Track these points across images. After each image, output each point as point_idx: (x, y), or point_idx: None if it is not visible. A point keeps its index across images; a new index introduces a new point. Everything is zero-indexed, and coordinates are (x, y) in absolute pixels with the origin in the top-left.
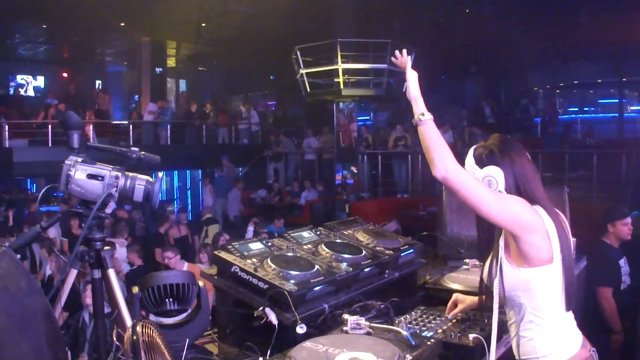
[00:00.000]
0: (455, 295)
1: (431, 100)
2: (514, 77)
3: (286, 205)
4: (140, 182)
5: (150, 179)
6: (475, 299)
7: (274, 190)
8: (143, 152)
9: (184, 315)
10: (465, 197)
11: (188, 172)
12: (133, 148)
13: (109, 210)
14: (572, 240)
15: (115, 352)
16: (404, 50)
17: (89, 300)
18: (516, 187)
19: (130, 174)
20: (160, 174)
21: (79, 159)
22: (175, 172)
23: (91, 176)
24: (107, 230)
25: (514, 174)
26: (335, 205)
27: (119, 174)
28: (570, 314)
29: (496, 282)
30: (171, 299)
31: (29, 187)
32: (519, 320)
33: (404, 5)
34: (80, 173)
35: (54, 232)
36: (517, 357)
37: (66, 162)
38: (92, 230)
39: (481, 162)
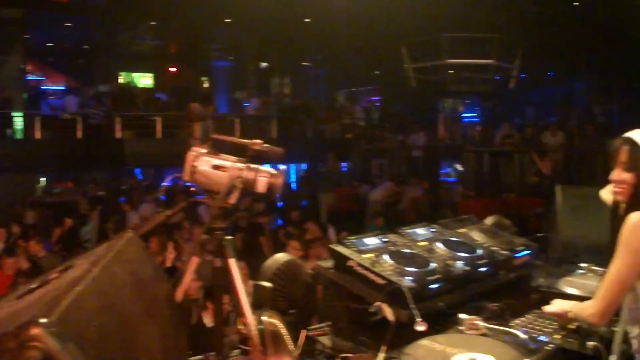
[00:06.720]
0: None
1: (537, 97)
2: (631, 75)
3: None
4: (263, 174)
5: (273, 171)
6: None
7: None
8: (266, 145)
9: None
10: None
11: (293, 166)
12: (255, 140)
13: (232, 200)
14: None
15: (239, 342)
16: None
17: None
18: None
19: (253, 165)
20: (283, 167)
21: (203, 150)
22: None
23: (216, 167)
24: None
25: None
26: (439, 202)
27: (242, 165)
28: None
29: (629, 296)
30: None
31: (139, 177)
32: None
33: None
34: (205, 164)
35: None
36: None
37: (190, 152)
38: (215, 220)
39: None
